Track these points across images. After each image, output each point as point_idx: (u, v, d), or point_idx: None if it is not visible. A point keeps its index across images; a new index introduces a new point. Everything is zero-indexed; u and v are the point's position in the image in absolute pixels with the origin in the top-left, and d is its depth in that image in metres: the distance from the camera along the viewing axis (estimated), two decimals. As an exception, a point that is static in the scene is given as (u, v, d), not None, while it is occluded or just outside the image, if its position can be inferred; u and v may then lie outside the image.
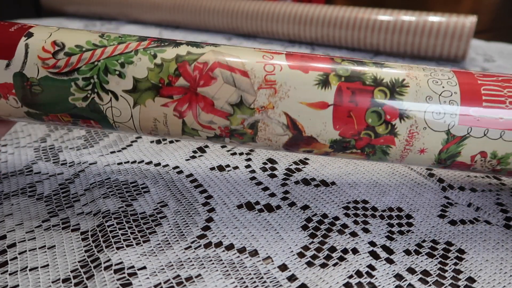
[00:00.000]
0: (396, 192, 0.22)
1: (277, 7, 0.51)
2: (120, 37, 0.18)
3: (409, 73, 0.18)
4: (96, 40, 0.18)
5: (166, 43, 0.18)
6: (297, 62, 0.18)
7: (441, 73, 0.18)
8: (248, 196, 0.21)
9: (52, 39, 0.18)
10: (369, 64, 0.18)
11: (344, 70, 0.17)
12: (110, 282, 0.16)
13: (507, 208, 0.21)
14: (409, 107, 0.17)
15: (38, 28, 0.18)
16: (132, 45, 0.18)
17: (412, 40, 0.43)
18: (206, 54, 0.17)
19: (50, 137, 0.28)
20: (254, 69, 0.17)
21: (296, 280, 0.16)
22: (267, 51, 0.18)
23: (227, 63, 0.17)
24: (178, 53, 0.17)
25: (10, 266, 0.17)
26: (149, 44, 0.18)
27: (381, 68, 0.18)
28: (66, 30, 0.18)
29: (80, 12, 0.69)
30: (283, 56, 0.18)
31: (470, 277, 0.17)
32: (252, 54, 0.18)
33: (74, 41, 0.18)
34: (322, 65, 0.18)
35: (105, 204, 0.21)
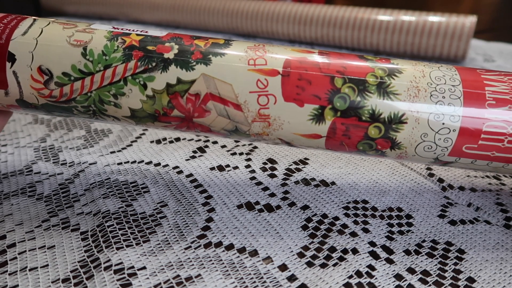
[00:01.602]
0: (396, 192, 0.22)
1: (277, 7, 0.51)
2: (103, 53, 0.17)
3: (410, 108, 0.17)
4: (81, 63, 0.17)
5: (154, 64, 0.17)
6: (292, 92, 0.17)
7: (447, 103, 0.17)
8: (248, 196, 0.21)
9: (36, 64, 0.17)
10: (372, 89, 0.17)
11: (342, 103, 0.17)
12: (110, 282, 0.16)
13: (507, 208, 0.21)
14: (402, 141, 0.18)
15: (16, 43, 0.17)
16: (119, 70, 0.17)
17: (412, 40, 0.43)
18: (197, 82, 0.17)
19: (50, 137, 0.28)
20: (247, 102, 0.17)
21: (296, 280, 0.16)
22: (262, 72, 0.17)
23: (219, 94, 0.17)
24: (168, 82, 0.17)
25: (9, 266, 0.17)
26: (136, 67, 0.17)
27: (385, 98, 0.17)
28: (45, 45, 0.17)
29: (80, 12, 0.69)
30: (278, 81, 0.17)
31: (470, 277, 0.17)
32: (246, 78, 0.17)
33: (59, 66, 0.17)
34: (320, 94, 0.17)
35: (105, 204, 0.21)
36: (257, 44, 0.18)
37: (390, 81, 0.17)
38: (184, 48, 0.17)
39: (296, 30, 0.50)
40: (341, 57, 0.18)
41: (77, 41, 0.17)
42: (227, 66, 0.17)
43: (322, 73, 0.17)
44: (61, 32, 0.17)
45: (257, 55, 0.17)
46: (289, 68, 0.17)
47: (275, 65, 0.17)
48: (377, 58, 0.18)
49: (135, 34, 0.18)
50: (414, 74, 0.17)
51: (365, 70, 0.17)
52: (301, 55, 0.18)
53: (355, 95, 0.17)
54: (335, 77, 0.17)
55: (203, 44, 0.18)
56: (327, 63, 0.17)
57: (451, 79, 0.17)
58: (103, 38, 0.17)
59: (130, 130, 0.29)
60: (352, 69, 0.17)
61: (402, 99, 0.17)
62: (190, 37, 0.18)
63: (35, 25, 0.18)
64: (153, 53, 0.17)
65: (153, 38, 0.18)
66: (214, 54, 0.17)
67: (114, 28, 0.18)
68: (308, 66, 0.17)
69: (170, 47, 0.17)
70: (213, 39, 0.18)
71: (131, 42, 0.17)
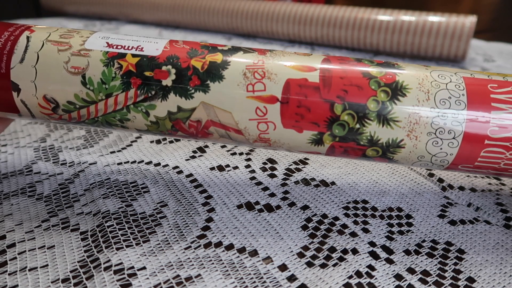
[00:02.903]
0: (396, 192, 0.22)
1: (277, 7, 0.51)
2: (102, 82, 0.17)
3: (410, 132, 0.17)
4: (82, 93, 0.17)
5: (153, 92, 0.17)
6: (291, 120, 0.17)
7: (448, 130, 0.17)
8: (248, 196, 0.21)
9: (40, 93, 0.18)
10: (372, 116, 0.17)
11: (340, 130, 0.17)
12: (110, 283, 0.16)
13: (507, 208, 0.21)
14: (399, 160, 0.18)
15: (17, 72, 0.18)
16: (120, 99, 0.17)
17: (412, 40, 0.43)
18: (197, 110, 0.17)
19: (50, 137, 0.28)
20: (247, 128, 0.17)
21: (295, 280, 0.16)
22: (261, 99, 0.17)
23: (219, 121, 0.17)
24: (169, 110, 0.17)
25: (9, 266, 0.17)
26: (136, 95, 0.17)
27: (384, 125, 0.17)
28: (44, 73, 0.18)
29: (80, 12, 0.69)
30: (277, 108, 0.17)
31: (470, 277, 0.17)
32: (245, 106, 0.17)
33: (62, 95, 0.18)
34: (319, 122, 0.17)
35: (105, 204, 0.21)
36: (256, 60, 0.17)
37: (391, 107, 0.16)
38: (181, 73, 0.17)
39: (296, 30, 0.50)
40: (344, 74, 0.17)
41: (74, 68, 0.17)
42: (226, 93, 0.17)
43: (321, 99, 0.17)
44: (57, 57, 0.17)
45: (256, 79, 0.17)
46: (288, 94, 0.17)
47: (274, 91, 0.17)
48: (383, 73, 0.17)
49: (130, 55, 0.17)
50: (418, 97, 0.17)
51: (367, 94, 0.17)
52: (301, 76, 0.17)
53: (354, 122, 0.17)
54: (335, 103, 0.17)
55: (200, 66, 0.17)
56: (328, 86, 0.17)
57: (456, 101, 0.17)
58: (99, 64, 0.17)
59: (130, 130, 0.29)
60: (353, 92, 0.17)
61: (402, 126, 0.17)
62: (187, 53, 0.18)
63: (30, 48, 0.18)
64: (151, 80, 0.17)
65: (149, 59, 0.17)
66: (212, 78, 0.17)
67: (108, 46, 0.18)
68: (308, 91, 0.17)
69: (167, 72, 0.17)
70: (211, 56, 0.17)
71: (127, 67, 0.17)
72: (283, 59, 0.18)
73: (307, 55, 0.18)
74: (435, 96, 0.17)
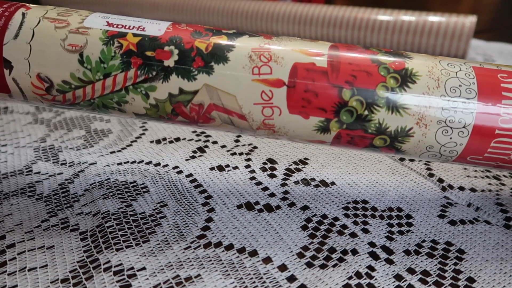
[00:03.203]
0: (396, 192, 0.22)
1: (277, 7, 0.51)
2: (101, 60, 0.16)
3: (420, 120, 0.16)
4: (79, 71, 0.17)
5: (154, 73, 0.16)
6: (298, 105, 0.16)
7: (458, 119, 0.16)
8: (248, 196, 0.21)
9: (34, 71, 0.17)
10: (381, 103, 0.16)
11: (348, 117, 0.16)
12: (109, 283, 0.16)
13: (507, 208, 0.21)
14: (407, 150, 0.17)
15: (10, 48, 0.17)
16: (119, 79, 0.17)
17: (412, 40, 0.43)
18: (200, 93, 0.17)
19: (49, 137, 0.28)
20: (251, 113, 0.17)
21: (295, 281, 0.16)
22: (267, 83, 0.16)
23: (222, 105, 0.17)
24: (170, 92, 0.17)
25: (9, 267, 0.17)
26: (136, 76, 0.17)
27: (393, 113, 0.16)
28: (39, 50, 0.16)
29: (80, 12, 0.69)
30: (283, 92, 0.16)
31: (470, 277, 0.17)
32: (250, 89, 0.16)
33: (58, 73, 0.17)
34: (326, 107, 0.16)
35: (105, 204, 0.21)
36: (262, 43, 0.17)
37: (401, 93, 0.16)
38: (184, 54, 0.16)
39: (296, 30, 0.50)
40: (352, 60, 0.16)
41: (72, 46, 0.16)
42: (230, 76, 0.16)
43: (329, 84, 0.16)
44: (53, 34, 0.17)
45: (262, 62, 0.16)
46: (296, 78, 0.16)
47: (281, 74, 0.16)
48: (392, 60, 0.17)
49: (131, 34, 0.17)
50: (428, 84, 0.16)
51: (376, 80, 0.16)
52: (309, 60, 0.16)
53: (362, 109, 0.16)
54: (343, 88, 0.16)
55: (204, 48, 0.17)
56: (336, 71, 0.16)
57: (467, 90, 0.16)
58: (98, 42, 0.16)
59: (130, 130, 0.29)
60: (362, 78, 0.16)
61: (412, 113, 0.16)
62: (191, 34, 0.17)
63: (25, 24, 0.17)
64: (152, 60, 0.16)
65: (151, 39, 0.17)
66: (216, 60, 0.16)
67: (108, 25, 0.17)
68: (316, 75, 0.16)
69: (170, 53, 0.16)
70: (216, 37, 0.17)
71: (128, 46, 0.16)
72: (290, 44, 0.17)
73: (314, 41, 0.18)
74: (445, 84, 0.16)
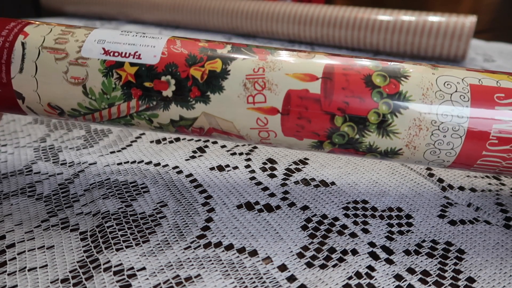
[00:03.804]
0: (396, 192, 0.22)
1: (277, 7, 0.51)
2: (103, 92, 0.17)
3: (409, 143, 0.17)
4: (85, 102, 0.18)
5: (154, 102, 0.17)
6: (292, 130, 0.17)
7: (446, 142, 0.17)
8: (248, 196, 0.21)
9: (45, 101, 0.18)
10: (372, 128, 0.17)
11: (340, 139, 0.17)
12: (109, 284, 0.16)
13: (507, 208, 0.21)
14: (396, 162, 0.18)
15: (18, 82, 0.18)
16: (123, 108, 0.18)
17: (412, 40, 0.43)
18: (199, 119, 0.17)
19: (49, 137, 0.28)
20: (249, 135, 0.18)
21: (295, 281, 0.16)
22: (262, 111, 0.17)
23: (221, 129, 0.18)
24: (171, 118, 0.18)
25: (9, 267, 0.17)
26: (138, 106, 0.17)
27: (384, 136, 0.17)
28: (45, 83, 0.18)
29: (80, 12, 0.69)
30: (278, 119, 0.17)
31: (470, 277, 0.17)
32: (246, 117, 0.17)
33: (66, 103, 0.18)
34: (319, 132, 0.17)
35: (105, 204, 0.21)
36: (256, 67, 0.17)
37: (392, 119, 0.16)
38: (181, 84, 0.17)
39: (296, 30, 0.50)
40: (346, 83, 0.16)
41: (74, 79, 0.17)
42: (227, 105, 0.17)
43: (322, 111, 0.17)
44: (55, 67, 0.17)
45: (256, 90, 0.17)
46: (289, 106, 0.17)
47: (275, 103, 0.17)
48: (387, 82, 0.17)
49: (128, 63, 0.17)
50: (420, 110, 0.16)
51: (369, 106, 0.16)
52: (303, 86, 0.17)
53: (354, 133, 0.17)
54: (336, 115, 0.17)
55: (199, 76, 0.17)
56: (329, 98, 0.16)
57: (459, 114, 0.16)
58: (98, 74, 0.17)
59: (130, 130, 0.29)
60: (355, 104, 0.16)
61: (402, 137, 0.17)
62: (186, 60, 0.17)
63: (27, 57, 0.17)
64: (151, 90, 0.17)
65: (148, 69, 0.17)
66: (212, 90, 0.17)
67: (105, 53, 0.17)
68: (309, 103, 0.17)
69: (167, 83, 0.17)
70: (210, 63, 0.17)
71: (127, 78, 0.17)
72: (284, 65, 0.17)
73: (309, 56, 0.17)
74: (437, 109, 0.16)
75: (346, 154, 0.18)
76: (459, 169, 0.18)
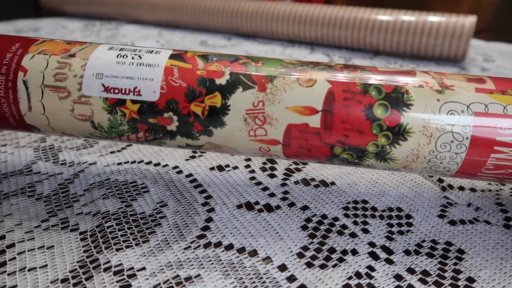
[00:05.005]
0: (396, 192, 0.22)
1: (277, 7, 0.51)
2: (111, 126, 0.18)
3: (406, 166, 0.17)
4: (96, 133, 0.18)
5: (161, 134, 0.18)
6: (293, 155, 0.18)
7: (443, 167, 0.17)
8: (248, 196, 0.21)
9: (59, 131, 0.19)
10: (370, 156, 0.17)
11: (340, 162, 0.18)
12: (109, 284, 0.16)
13: (507, 208, 0.21)
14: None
15: (31, 118, 0.18)
16: (132, 137, 0.18)
17: (412, 40, 0.43)
18: (204, 146, 0.18)
19: (49, 137, 0.28)
20: (253, 156, 0.19)
21: (295, 281, 0.16)
22: (264, 142, 0.17)
23: (227, 151, 0.19)
24: (179, 145, 0.18)
25: (8, 267, 0.17)
26: (146, 137, 0.18)
27: (382, 162, 0.17)
28: (56, 119, 0.18)
29: (79, 12, 0.69)
30: (279, 148, 0.17)
31: (470, 277, 0.17)
32: (249, 146, 0.18)
33: (79, 133, 0.19)
34: (320, 157, 0.18)
35: (105, 204, 0.21)
36: (256, 100, 0.17)
37: (390, 149, 0.17)
38: (183, 120, 0.17)
39: (296, 30, 0.50)
40: (346, 117, 0.16)
41: (81, 116, 0.18)
42: (230, 137, 0.17)
43: (322, 143, 0.17)
44: (61, 106, 0.18)
45: (257, 125, 0.17)
46: (290, 139, 0.17)
47: (276, 136, 0.17)
48: (388, 114, 0.16)
49: (129, 101, 0.17)
50: (419, 141, 0.16)
51: (368, 139, 0.16)
52: (303, 120, 0.16)
53: (353, 159, 0.17)
54: (335, 146, 0.17)
55: (200, 112, 0.17)
56: (329, 131, 0.17)
57: (458, 146, 0.16)
58: (103, 112, 0.17)
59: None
60: (354, 137, 0.17)
61: (399, 162, 0.17)
62: (185, 95, 0.17)
63: (32, 97, 0.18)
64: (156, 126, 0.18)
65: (149, 106, 0.17)
66: (214, 125, 0.17)
67: (105, 90, 0.17)
68: (309, 136, 0.17)
69: (170, 119, 0.17)
70: (209, 98, 0.17)
71: (131, 115, 0.17)
72: (284, 97, 0.17)
73: (310, 83, 0.17)
74: (437, 140, 0.16)
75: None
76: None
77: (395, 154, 0.17)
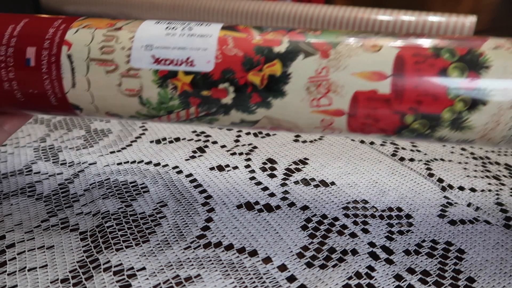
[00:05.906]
0: (396, 192, 0.22)
1: (277, 7, 0.51)
2: (161, 102, 0.17)
3: (484, 135, 0.16)
4: (143, 110, 0.17)
5: (214, 109, 0.16)
6: (358, 127, 0.16)
7: None
8: (248, 196, 0.21)
9: (103, 111, 0.18)
10: (445, 125, 0.15)
11: (409, 134, 0.16)
12: (109, 284, 0.16)
13: (507, 208, 0.21)
14: None
15: (73, 96, 0.17)
16: (182, 115, 0.17)
17: (412, 40, 0.43)
18: (260, 122, 0.17)
19: (49, 137, 0.28)
20: (312, 131, 0.17)
21: (295, 281, 0.16)
22: (327, 113, 0.16)
23: (284, 127, 0.17)
24: (232, 121, 0.17)
25: (9, 267, 0.17)
26: (198, 112, 0.17)
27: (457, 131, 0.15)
28: (101, 96, 0.17)
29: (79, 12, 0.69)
30: (344, 120, 0.16)
31: (470, 277, 0.17)
32: (310, 119, 0.16)
33: (125, 112, 0.17)
34: (387, 129, 0.16)
35: (105, 204, 0.21)
36: (319, 67, 0.16)
37: (468, 115, 0.15)
38: (240, 90, 0.16)
39: (296, 30, 0.50)
40: (419, 81, 0.15)
41: (129, 91, 0.17)
42: (289, 109, 0.16)
43: (392, 111, 0.15)
44: (107, 80, 0.16)
45: (320, 93, 0.15)
46: (357, 108, 0.15)
47: (341, 105, 0.16)
48: (465, 75, 0.15)
49: (182, 73, 0.16)
50: (500, 105, 0.15)
51: (443, 104, 0.15)
52: (371, 86, 0.15)
53: (425, 129, 0.16)
54: (406, 114, 0.15)
55: (259, 82, 0.16)
56: (400, 97, 0.15)
57: None
58: (153, 85, 0.16)
59: (129, 130, 0.29)
60: (428, 103, 0.15)
61: (476, 131, 0.15)
62: (242, 64, 0.16)
63: (77, 71, 0.17)
64: (209, 99, 0.16)
65: (203, 77, 0.16)
66: (273, 95, 0.16)
67: (156, 62, 0.16)
68: (378, 104, 0.15)
69: (226, 91, 0.16)
70: (269, 66, 0.16)
71: (183, 87, 0.16)
72: (350, 63, 0.15)
73: (376, 49, 0.16)
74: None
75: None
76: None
77: (473, 121, 0.15)
